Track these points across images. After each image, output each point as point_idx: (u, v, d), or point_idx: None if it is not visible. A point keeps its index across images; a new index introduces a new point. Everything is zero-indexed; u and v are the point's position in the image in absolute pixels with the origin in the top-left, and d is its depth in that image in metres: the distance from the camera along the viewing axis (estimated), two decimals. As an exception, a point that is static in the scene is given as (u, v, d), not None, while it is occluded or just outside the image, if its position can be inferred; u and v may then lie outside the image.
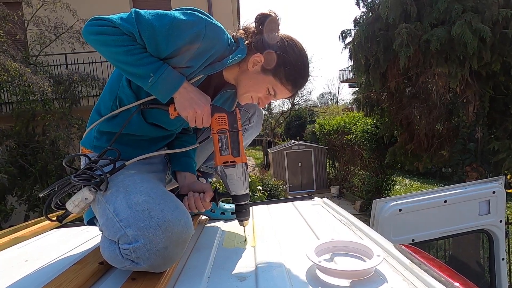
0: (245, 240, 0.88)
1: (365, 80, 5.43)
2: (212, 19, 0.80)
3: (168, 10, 0.80)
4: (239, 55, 0.83)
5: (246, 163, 0.81)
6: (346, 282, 0.58)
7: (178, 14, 0.77)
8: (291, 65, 0.83)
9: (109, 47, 0.74)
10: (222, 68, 0.83)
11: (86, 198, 0.73)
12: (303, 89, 0.92)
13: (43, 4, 5.08)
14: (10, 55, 4.47)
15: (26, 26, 5.29)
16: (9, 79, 4.28)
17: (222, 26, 0.82)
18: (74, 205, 0.73)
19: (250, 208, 1.25)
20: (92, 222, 0.90)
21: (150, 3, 6.65)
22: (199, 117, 0.79)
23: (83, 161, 0.91)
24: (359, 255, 0.67)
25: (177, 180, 0.97)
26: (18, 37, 5.14)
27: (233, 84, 0.92)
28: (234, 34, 0.88)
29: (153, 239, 0.62)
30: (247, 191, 0.82)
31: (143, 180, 0.76)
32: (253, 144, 22.19)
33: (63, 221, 0.78)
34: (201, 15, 0.78)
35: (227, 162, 0.78)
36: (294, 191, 9.52)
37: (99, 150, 0.88)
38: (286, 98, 0.90)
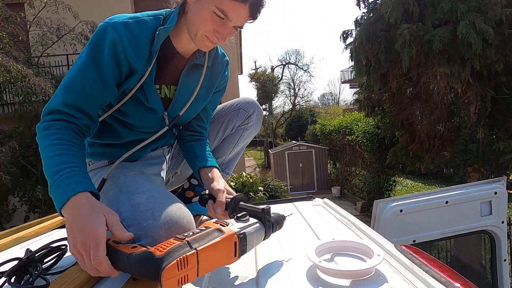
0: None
1: (366, 81, 5.43)
2: (116, 18, 0.74)
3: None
4: (167, 26, 0.76)
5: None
6: (346, 282, 0.58)
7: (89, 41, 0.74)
8: None
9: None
10: (158, 48, 0.76)
11: None
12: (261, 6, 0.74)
13: (45, 5, 5.10)
14: (12, 56, 4.50)
15: (28, 27, 5.31)
16: (12, 80, 4.31)
17: (130, 16, 0.76)
18: None
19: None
20: None
21: (151, 5, 6.67)
22: (89, 259, 0.51)
23: None
24: (359, 255, 0.67)
25: (202, 181, 0.88)
26: (20, 38, 5.17)
27: (196, 52, 0.84)
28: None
29: (156, 238, 0.62)
30: (261, 240, 0.65)
31: (145, 180, 0.76)
32: (254, 144, 22.25)
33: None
34: (102, 24, 0.73)
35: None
36: (295, 192, 9.51)
37: (93, 156, 0.88)
38: (250, 21, 0.75)
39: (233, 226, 0.57)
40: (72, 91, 0.69)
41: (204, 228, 0.54)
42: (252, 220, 0.62)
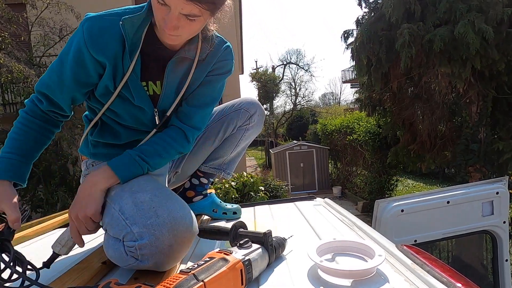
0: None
1: (367, 80, 5.43)
2: (92, 14, 0.74)
3: None
4: (132, 16, 0.73)
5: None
6: (347, 282, 0.58)
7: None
8: None
9: None
10: (136, 41, 0.74)
11: None
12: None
13: (47, 6, 5.11)
14: (14, 57, 4.51)
15: (30, 27, 5.33)
16: (14, 80, 4.32)
17: (109, 10, 0.74)
18: (61, 245, 0.70)
19: (252, 208, 1.26)
20: None
21: (153, 5, 6.65)
22: None
23: (84, 166, 0.92)
24: (360, 255, 0.67)
25: None
26: (22, 38, 5.18)
27: (185, 44, 0.80)
28: None
29: (159, 237, 0.62)
30: (265, 264, 0.65)
31: (147, 180, 0.76)
32: (255, 144, 22.26)
33: (50, 266, 0.70)
34: (82, 22, 0.74)
35: None
36: (296, 192, 9.51)
37: (97, 157, 0.88)
38: (198, 7, 0.65)
39: (237, 253, 0.58)
40: (43, 84, 0.80)
41: (208, 259, 0.54)
42: (255, 245, 0.63)
